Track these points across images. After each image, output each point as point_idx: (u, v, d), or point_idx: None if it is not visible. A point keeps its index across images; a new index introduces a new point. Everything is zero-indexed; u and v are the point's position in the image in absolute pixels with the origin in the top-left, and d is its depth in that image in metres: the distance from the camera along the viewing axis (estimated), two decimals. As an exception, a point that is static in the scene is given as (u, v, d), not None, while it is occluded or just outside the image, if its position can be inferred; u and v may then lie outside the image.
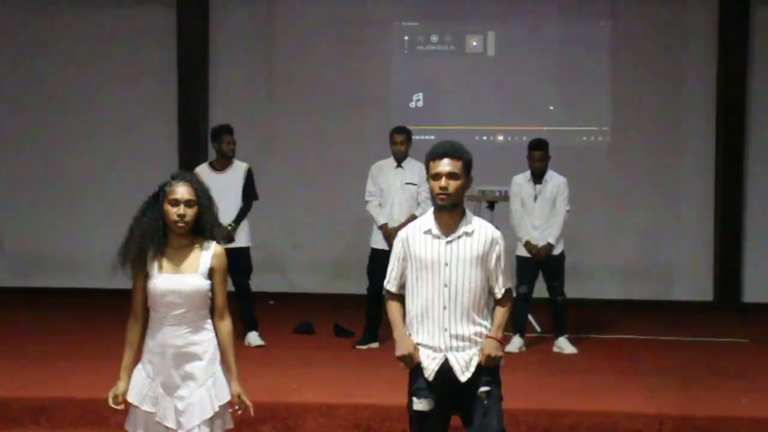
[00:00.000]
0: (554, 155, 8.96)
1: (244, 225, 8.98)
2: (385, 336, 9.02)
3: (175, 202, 4.52)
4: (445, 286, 4.51)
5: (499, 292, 4.63)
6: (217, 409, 4.57)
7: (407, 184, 8.87)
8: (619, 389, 7.33)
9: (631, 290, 11.75)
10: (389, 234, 8.75)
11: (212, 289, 4.62)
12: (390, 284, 4.72)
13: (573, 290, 9.18)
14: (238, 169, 9.03)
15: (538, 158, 8.74)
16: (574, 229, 9.30)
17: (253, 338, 8.99)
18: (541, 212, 8.74)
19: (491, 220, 9.99)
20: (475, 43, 11.89)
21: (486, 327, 4.58)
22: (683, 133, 11.76)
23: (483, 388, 4.51)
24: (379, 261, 8.89)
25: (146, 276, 4.56)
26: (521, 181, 8.87)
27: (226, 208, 8.80)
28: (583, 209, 9.49)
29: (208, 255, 4.61)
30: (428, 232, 4.57)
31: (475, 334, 4.55)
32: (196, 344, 4.58)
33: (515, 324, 8.74)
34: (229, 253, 8.78)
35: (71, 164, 12.30)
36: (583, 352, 8.80)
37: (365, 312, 9.03)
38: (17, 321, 10.30)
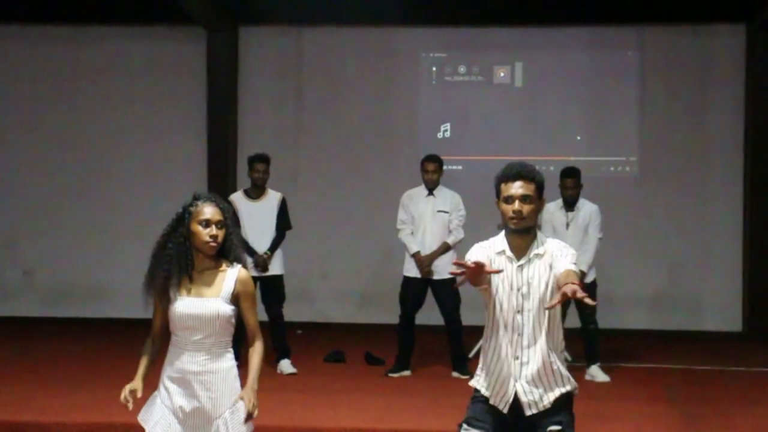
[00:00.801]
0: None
1: (278, 253, 9.04)
2: (417, 364, 9.08)
3: (207, 223, 4.42)
4: (518, 312, 4.30)
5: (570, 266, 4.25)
6: None
7: (439, 212, 8.92)
8: (654, 416, 7.34)
9: (660, 320, 11.76)
10: (422, 262, 8.82)
11: (241, 314, 4.49)
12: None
13: (601, 320, 9.15)
14: (272, 198, 9.10)
15: (571, 186, 8.79)
16: (602, 259, 9.31)
17: (286, 366, 9.03)
18: (573, 240, 8.74)
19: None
20: (502, 74, 11.98)
21: (559, 364, 4.33)
22: (711, 162, 11.80)
23: (554, 428, 4.29)
24: (411, 288, 8.97)
25: (168, 300, 4.43)
26: (553, 209, 8.91)
27: (261, 236, 8.97)
28: (611, 239, 9.51)
29: (231, 279, 4.48)
30: (501, 253, 4.38)
31: (547, 364, 4.30)
32: (215, 372, 4.40)
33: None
34: (264, 281, 9.02)
35: (100, 193, 12.40)
36: (615, 381, 8.79)
37: (398, 340, 9.05)
38: (55, 349, 10.34)
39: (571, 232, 8.79)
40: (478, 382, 4.45)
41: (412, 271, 8.94)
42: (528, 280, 4.31)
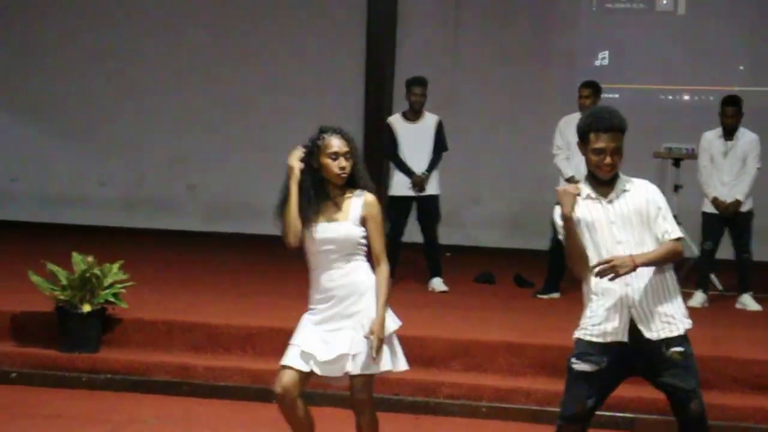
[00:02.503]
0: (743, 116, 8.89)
1: (434, 174, 9.22)
2: (566, 288, 9.21)
3: (335, 156, 4.67)
4: (618, 243, 4.40)
5: (669, 237, 4.42)
6: (363, 348, 4.62)
7: (595, 138, 8.93)
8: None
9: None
10: (576, 187, 8.88)
11: (368, 236, 4.72)
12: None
13: (757, 252, 9.06)
14: (429, 121, 9.27)
15: (731, 114, 8.68)
16: (759, 191, 9.15)
17: (438, 284, 9.28)
18: (731, 169, 8.69)
19: (677, 178, 10.06)
20: (665, 2, 11.79)
21: (672, 283, 4.47)
22: None
23: (676, 348, 4.39)
24: (562, 213, 9.06)
25: (305, 227, 4.69)
26: (712, 137, 8.83)
27: (418, 158, 9.16)
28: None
29: (359, 203, 4.72)
30: (587, 197, 4.47)
31: (659, 285, 4.43)
32: (352, 286, 4.69)
33: (698, 280, 8.80)
34: (420, 200, 9.27)
35: (259, 111, 12.80)
36: (767, 310, 8.73)
37: (547, 262, 9.19)
38: (217, 261, 10.88)
39: (729, 161, 8.71)
40: (581, 332, 4.55)
41: (564, 195, 9.02)
42: (621, 212, 4.42)
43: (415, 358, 6.86)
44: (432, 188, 9.23)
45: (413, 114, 9.27)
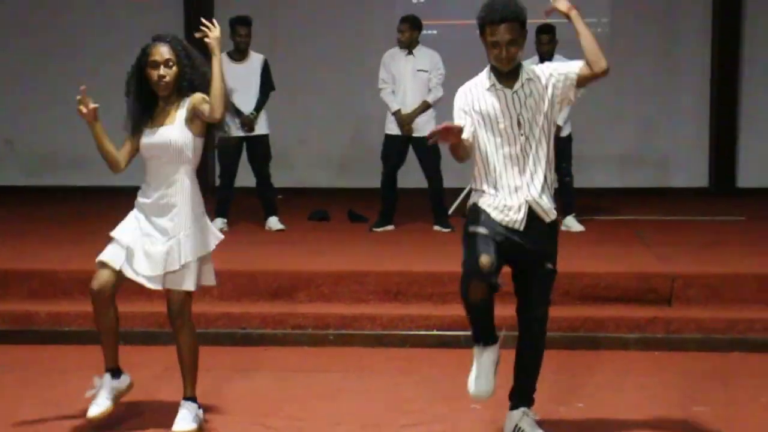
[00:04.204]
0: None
1: (263, 114, 9.25)
2: (399, 221, 9.43)
3: (155, 64, 4.69)
4: (521, 135, 4.45)
5: (574, 77, 4.52)
6: (178, 266, 4.73)
7: (419, 71, 9.13)
8: (629, 256, 7.76)
9: (629, 178, 12.17)
10: (402, 120, 9.08)
11: (209, 105, 4.67)
12: (466, 133, 4.50)
13: (574, 179, 9.47)
14: (255, 60, 9.26)
15: (546, 42, 9.04)
16: (573, 119, 9.52)
17: (274, 222, 9.34)
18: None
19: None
20: (477, -63, 12.05)
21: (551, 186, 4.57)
22: (679, 21, 12.08)
23: (549, 264, 4.58)
24: (393, 146, 9.25)
25: (137, 135, 4.79)
26: (529, 64, 9.13)
27: (245, 98, 9.14)
28: (581, 101, 9.66)
29: (184, 105, 4.77)
30: (492, 87, 4.49)
31: (549, 182, 4.53)
32: (175, 196, 4.75)
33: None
34: (250, 141, 9.29)
35: (80, 62, 12.40)
36: (590, 230, 9.19)
37: (381, 196, 9.37)
38: (46, 212, 10.65)
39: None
40: (479, 200, 4.55)
41: (393, 129, 9.21)
42: (526, 102, 4.47)
43: (260, 292, 7.06)
44: (261, 128, 9.25)
45: (239, 54, 9.23)
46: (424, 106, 9.10)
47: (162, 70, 4.68)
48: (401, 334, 6.69)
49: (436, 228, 9.22)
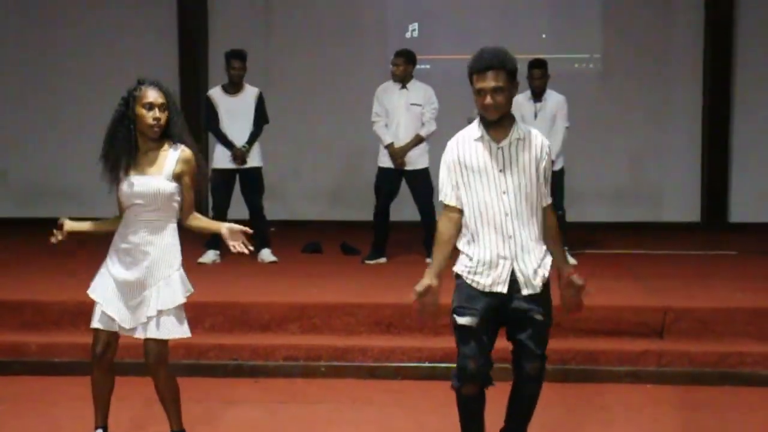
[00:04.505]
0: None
1: (256, 146, 9.27)
2: (392, 253, 9.44)
3: (150, 106, 4.65)
4: (504, 193, 4.36)
5: (544, 202, 4.49)
6: (155, 312, 4.72)
7: (412, 105, 9.18)
8: (621, 290, 7.77)
9: (621, 212, 12.20)
10: (395, 153, 9.12)
11: (182, 190, 4.78)
12: (447, 197, 4.47)
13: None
14: (249, 93, 9.29)
15: (538, 76, 9.09)
16: (566, 154, 9.56)
17: (267, 255, 9.35)
18: (541, 129, 8.84)
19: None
20: (469, -28, 12.20)
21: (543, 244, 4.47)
22: (672, 57, 12.14)
23: (539, 316, 4.44)
24: (385, 179, 9.29)
25: (117, 180, 4.73)
26: (522, 100, 9.20)
27: (239, 130, 9.19)
28: (573, 134, 9.73)
29: (174, 158, 4.74)
30: (480, 138, 4.40)
31: (537, 243, 4.44)
32: (155, 245, 4.73)
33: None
34: (243, 173, 9.31)
35: (72, 94, 12.47)
36: (582, 264, 9.17)
37: (374, 228, 9.38)
38: (37, 244, 10.43)
39: (539, 122, 9.10)
40: (461, 267, 4.49)
41: (386, 162, 9.24)
42: (511, 160, 4.38)
43: (252, 323, 7.06)
44: (254, 160, 9.27)
45: (233, 87, 9.28)
46: (417, 140, 9.14)
47: (157, 113, 4.67)
48: (393, 366, 6.69)
49: (429, 261, 9.17)
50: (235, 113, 9.17)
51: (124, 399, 5.30)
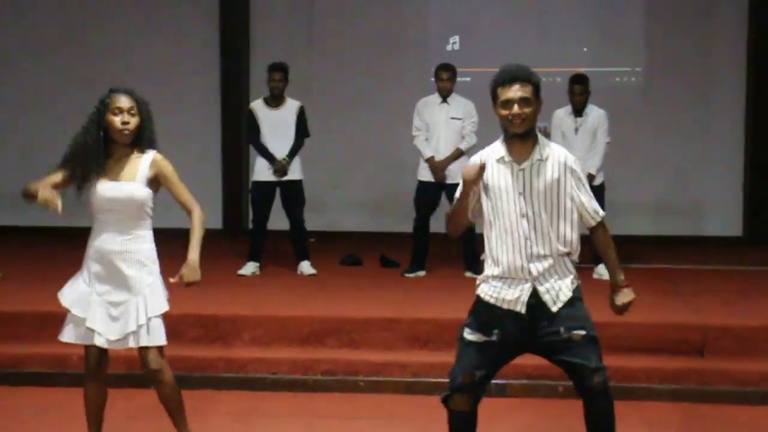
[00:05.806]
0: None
1: (297, 159, 9.30)
2: (431, 266, 9.45)
3: (119, 111, 4.69)
4: (522, 216, 4.28)
5: (592, 220, 4.40)
6: (145, 320, 4.72)
7: (452, 119, 9.20)
8: (662, 306, 7.69)
9: (663, 226, 12.10)
10: (435, 167, 9.14)
11: (173, 192, 4.81)
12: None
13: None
14: (291, 106, 9.32)
15: (579, 92, 9.07)
16: (607, 168, 9.50)
17: (306, 267, 9.38)
18: (582, 144, 9.06)
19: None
20: (513, -13, 12.21)
21: (569, 262, 4.38)
22: (715, 70, 12.04)
23: (578, 332, 4.34)
24: (425, 192, 9.31)
25: (88, 185, 4.70)
26: (562, 114, 9.19)
27: (280, 143, 9.23)
28: (615, 148, 9.71)
29: (146, 162, 4.77)
30: (500, 160, 4.34)
31: (558, 264, 4.34)
32: (133, 252, 4.74)
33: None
34: (283, 186, 9.34)
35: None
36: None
37: (413, 242, 9.40)
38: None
39: (580, 137, 9.09)
40: (483, 289, 4.42)
41: (426, 175, 9.26)
42: (531, 183, 4.29)
43: (291, 337, 7.10)
44: (294, 173, 9.31)
45: (274, 100, 9.32)
46: (457, 154, 9.15)
47: (126, 117, 4.71)
48: (431, 381, 6.66)
49: (468, 274, 9.21)
50: (276, 126, 9.22)
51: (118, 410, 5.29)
